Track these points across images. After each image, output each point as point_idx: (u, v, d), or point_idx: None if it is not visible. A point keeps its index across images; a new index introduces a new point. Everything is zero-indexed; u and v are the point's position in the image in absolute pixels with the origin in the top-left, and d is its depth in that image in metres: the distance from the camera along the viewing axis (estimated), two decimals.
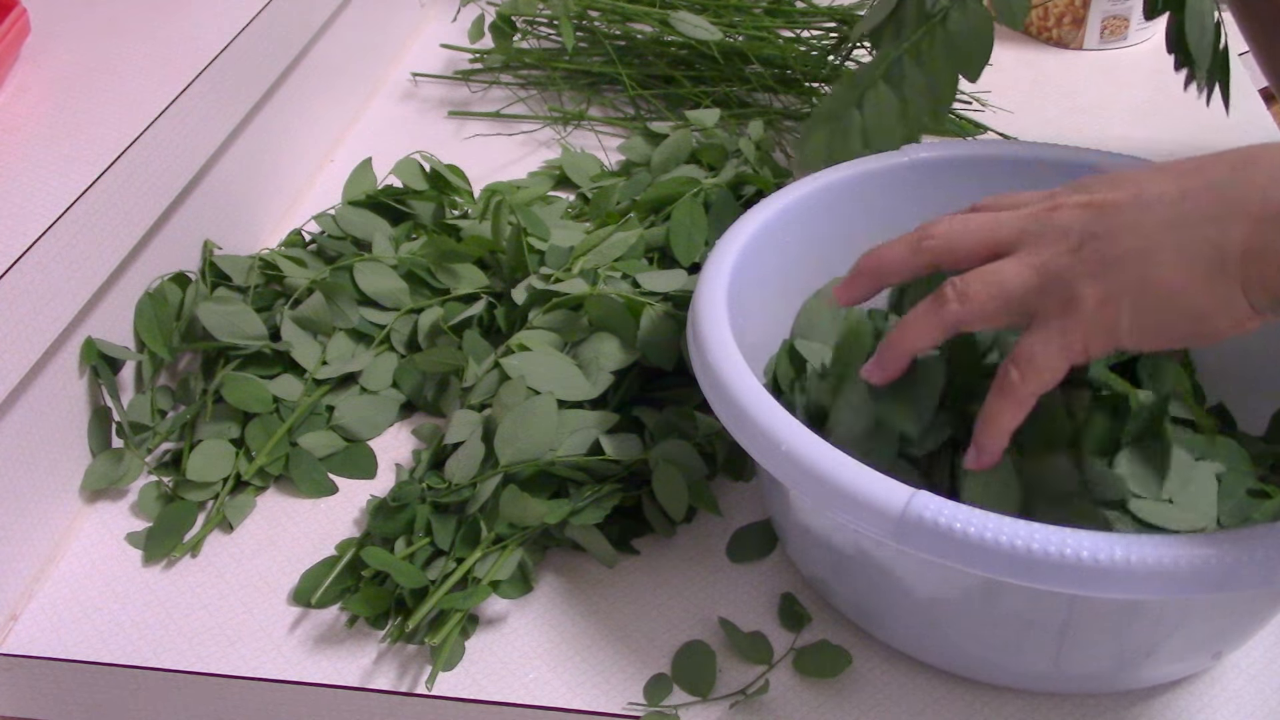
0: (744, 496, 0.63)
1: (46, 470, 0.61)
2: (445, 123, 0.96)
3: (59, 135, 0.65)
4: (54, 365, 0.61)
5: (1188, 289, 0.42)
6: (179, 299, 0.69)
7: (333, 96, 0.94)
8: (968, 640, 0.51)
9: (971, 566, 0.43)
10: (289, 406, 0.66)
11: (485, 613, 0.58)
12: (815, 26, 0.95)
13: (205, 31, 0.75)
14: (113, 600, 0.59)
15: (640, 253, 0.72)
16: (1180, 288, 0.42)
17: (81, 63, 0.72)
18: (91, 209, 0.62)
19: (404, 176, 0.79)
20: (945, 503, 0.43)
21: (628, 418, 0.62)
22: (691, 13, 0.91)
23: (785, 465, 0.47)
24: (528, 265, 0.70)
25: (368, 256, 0.72)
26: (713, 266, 0.57)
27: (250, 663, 0.56)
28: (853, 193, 0.64)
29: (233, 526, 0.63)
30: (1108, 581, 0.41)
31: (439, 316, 0.69)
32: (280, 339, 0.68)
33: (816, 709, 0.53)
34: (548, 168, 0.88)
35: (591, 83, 0.98)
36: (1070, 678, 0.51)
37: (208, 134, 0.73)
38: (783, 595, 0.57)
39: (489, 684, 0.54)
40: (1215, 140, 0.90)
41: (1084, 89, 0.94)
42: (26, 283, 0.57)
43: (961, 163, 0.65)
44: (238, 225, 0.79)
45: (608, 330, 0.64)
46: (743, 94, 0.92)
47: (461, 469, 0.59)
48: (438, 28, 1.08)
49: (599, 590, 0.59)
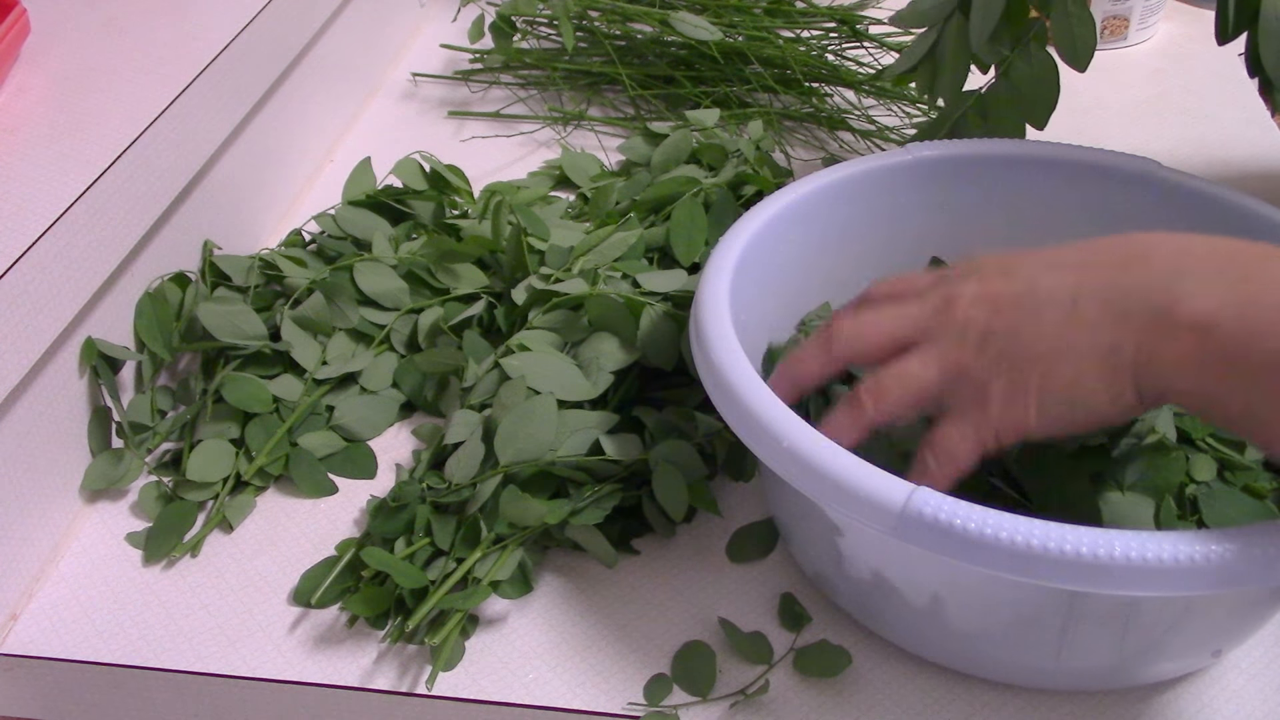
0: (744, 496, 0.63)
1: (46, 470, 0.61)
2: (445, 123, 0.96)
3: (59, 135, 0.65)
4: (54, 365, 0.61)
5: (1086, 387, 0.44)
6: (179, 299, 0.69)
7: (333, 96, 0.94)
8: (969, 637, 0.51)
9: (971, 562, 0.43)
10: (289, 406, 0.66)
11: (485, 613, 0.58)
12: (815, 26, 0.95)
13: (205, 31, 0.75)
14: (113, 600, 0.59)
15: (640, 253, 0.72)
16: (1080, 385, 0.45)
17: (81, 63, 0.72)
18: (91, 209, 0.62)
19: (404, 176, 0.79)
20: (945, 499, 0.43)
21: (628, 418, 0.62)
22: (691, 13, 0.91)
23: (787, 462, 0.47)
24: (528, 265, 0.70)
25: (368, 256, 0.72)
26: (715, 265, 0.57)
27: (250, 663, 0.56)
28: (853, 192, 0.64)
29: (233, 526, 0.63)
30: (1107, 578, 0.41)
31: (439, 316, 0.69)
32: (280, 339, 0.68)
33: (816, 709, 0.53)
34: (548, 168, 0.88)
35: (591, 83, 0.98)
36: (1071, 674, 0.51)
37: (208, 134, 0.73)
38: (783, 595, 0.57)
39: (489, 684, 0.54)
40: (1215, 140, 0.90)
41: (1084, 89, 0.94)
42: (26, 283, 0.57)
43: (962, 162, 0.65)
44: (238, 225, 0.79)
45: (608, 330, 0.64)
46: (743, 94, 0.92)
47: (461, 469, 0.59)
48: (438, 28, 1.09)
49: (599, 590, 0.59)
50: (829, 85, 0.94)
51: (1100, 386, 0.44)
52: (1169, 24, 1.06)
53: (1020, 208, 0.65)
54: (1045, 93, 0.70)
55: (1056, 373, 0.45)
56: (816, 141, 0.91)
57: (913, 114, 0.92)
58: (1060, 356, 0.45)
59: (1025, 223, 0.65)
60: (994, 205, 0.66)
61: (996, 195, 0.65)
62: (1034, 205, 0.65)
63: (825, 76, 0.93)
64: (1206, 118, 0.94)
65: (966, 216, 0.66)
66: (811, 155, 0.89)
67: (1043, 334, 0.45)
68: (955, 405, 0.47)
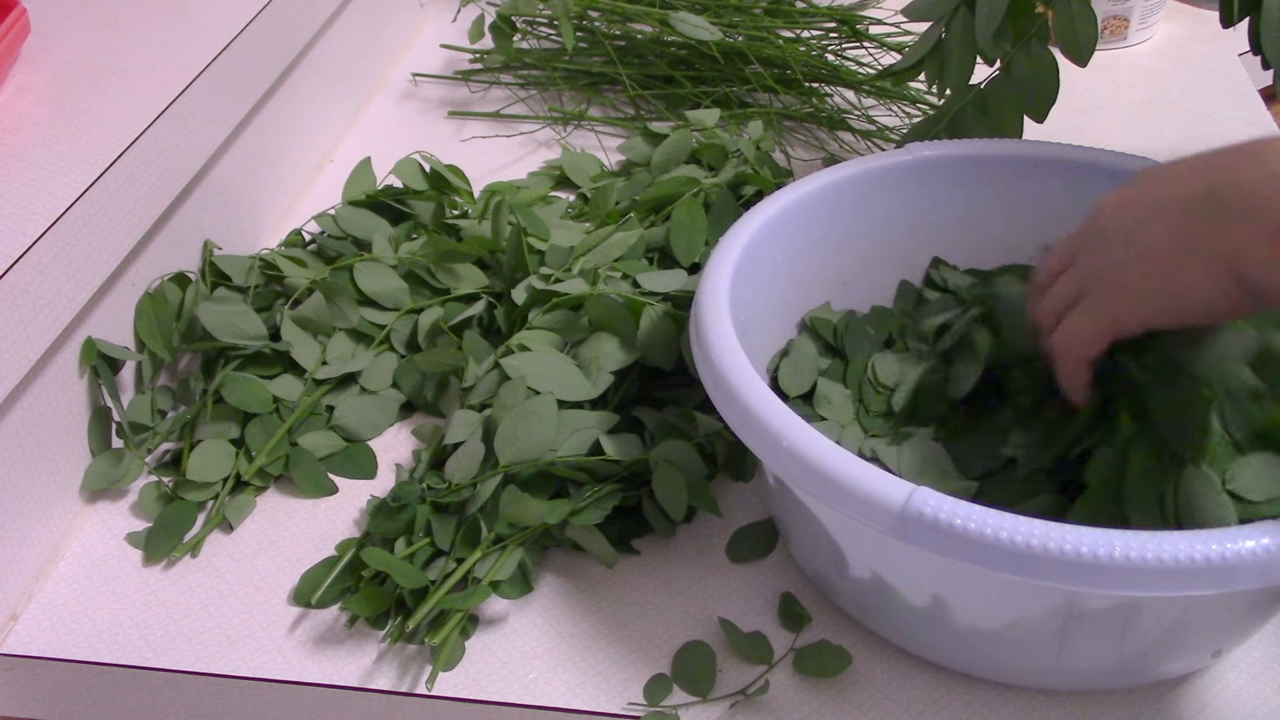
0: (744, 496, 0.63)
1: (46, 470, 0.61)
2: (445, 123, 0.96)
3: (59, 135, 0.65)
4: (54, 365, 0.61)
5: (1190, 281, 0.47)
6: (179, 299, 0.69)
7: (333, 96, 0.94)
8: (970, 636, 0.51)
9: (971, 562, 0.43)
10: (289, 406, 0.66)
11: (485, 613, 0.58)
12: (815, 26, 0.95)
13: (205, 31, 0.75)
14: (113, 600, 0.59)
15: (640, 253, 0.72)
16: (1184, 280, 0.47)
17: (81, 63, 0.72)
18: (91, 209, 0.62)
19: (404, 176, 0.79)
20: (945, 498, 0.43)
21: (628, 418, 0.62)
22: (691, 13, 0.91)
23: (787, 462, 0.47)
24: (528, 265, 0.70)
25: (368, 256, 0.72)
26: (715, 265, 0.57)
27: (250, 663, 0.56)
28: (853, 192, 0.64)
29: (233, 527, 0.63)
30: (1107, 578, 0.41)
31: (439, 316, 0.69)
32: (280, 339, 0.68)
33: (816, 709, 0.53)
34: (548, 168, 0.88)
35: (591, 83, 0.98)
36: (1071, 674, 0.51)
37: (208, 134, 0.73)
38: (783, 595, 0.57)
39: (489, 684, 0.54)
40: (1215, 140, 0.90)
41: (1084, 89, 0.95)
42: (26, 283, 0.57)
43: (962, 161, 0.65)
44: (238, 225, 0.79)
45: (608, 330, 0.64)
46: (743, 94, 0.92)
47: (461, 469, 0.59)
48: (438, 28, 1.09)
49: (599, 590, 0.59)
50: (829, 85, 0.94)
51: (1205, 281, 0.46)
52: (1169, 24, 1.06)
53: (1020, 208, 0.65)
54: (1045, 87, 0.70)
55: (1164, 268, 0.47)
56: (816, 141, 0.91)
57: (913, 114, 0.92)
58: (1169, 253, 0.47)
59: (1025, 223, 0.65)
60: (994, 205, 0.66)
61: (996, 195, 0.66)
62: (1034, 205, 0.65)
63: (825, 76, 0.93)
64: (1206, 118, 0.94)
65: (966, 216, 0.66)
66: (811, 155, 0.89)
67: (1155, 233, 0.48)
68: (1085, 297, 0.51)
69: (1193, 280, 0.46)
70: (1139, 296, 0.49)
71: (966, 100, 0.71)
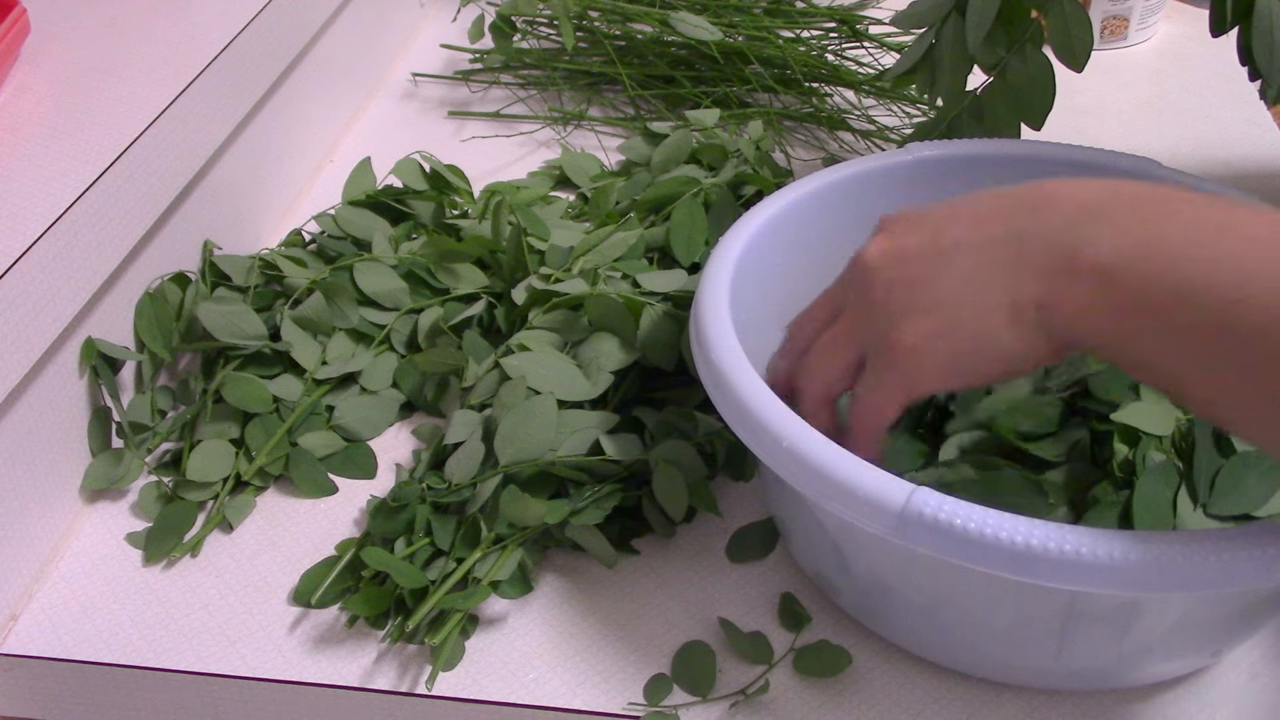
0: (744, 496, 0.63)
1: (46, 470, 0.61)
2: (445, 123, 0.96)
3: (59, 135, 0.65)
4: (54, 365, 0.61)
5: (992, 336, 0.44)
6: (179, 299, 0.69)
7: (333, 96, 0.94)
8: (970, 636, 0.51)
9: (971, 562, 0.43)
10: (289, 406, 0.66)
11: (485, 613, 0.58)
12: (815, 26, 0.95)
13: (205, 31, 0.75)
14: (112, 600, 0.59)
15: (640, 253, 0.72)
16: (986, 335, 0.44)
17: (81, 63, 0.72)
18: (91, 209, 0.62)
19: (404, 176, 0.79)
20: (945, 499, 0.43)
21: (628, 418, 0.62)
22: (691, 13, 0.91)
23: (787, 462, 0.47)
24: (528, 265, 0.70)
25: (368, 256, 0.72)
26: (715, 265, 0.57)
27: (250, 663, 0.56)
28: (853, 192, 0.64)
29: (233, 527, 0.63)
30: (1107, 578, 0.41)
31: (439, 316, 0.69)
32: (280, 339, 0.68)
33: (816, 709, 0.53)
34: (548, 168, 0.88)
35: (591, 83, 0.98)
36: (1071, 674, 0.51)
37: (208, 134, 0.73)
38: (783, 595, 0.57)
39: (489, 684, 0.54)
40: (1215, 140, 0.91)
41: (1084, 89, 0.94)
42: (26, 283, 0.57)
43: (962, 161, 0.65)
44: (238, 225, 0.79)
45: (608, 330, 0.64)
46: (743, 94, 0.92)
47: (461, 469, 0.59)
48: (438, 28, 1.09)
49: (599, 590, 0.59)
50: (829, 85, 0.94)
51: (1008, 335, 0.43)
52: (1169, 24, 1.06)
53: None
54: (1041, 94, 0.70)
55: (961, 322, 0.44)
56: (816, 141, 0.91)
57: (913, 114, 0.92)
58: (963, 306, 0.44)
59: None
60: None
61: None
62: None
63: (825, 77, 0.93)
64: (1206, 118, 0.94)
65: None
66: (811, 155, 0.89)
67: (944, 284, 0.44)
68: (870, 362, 0.47)
69: (994, 334, 0.43)
70: (933, 357, 0.45)
71: (962, 107, 0.71)
